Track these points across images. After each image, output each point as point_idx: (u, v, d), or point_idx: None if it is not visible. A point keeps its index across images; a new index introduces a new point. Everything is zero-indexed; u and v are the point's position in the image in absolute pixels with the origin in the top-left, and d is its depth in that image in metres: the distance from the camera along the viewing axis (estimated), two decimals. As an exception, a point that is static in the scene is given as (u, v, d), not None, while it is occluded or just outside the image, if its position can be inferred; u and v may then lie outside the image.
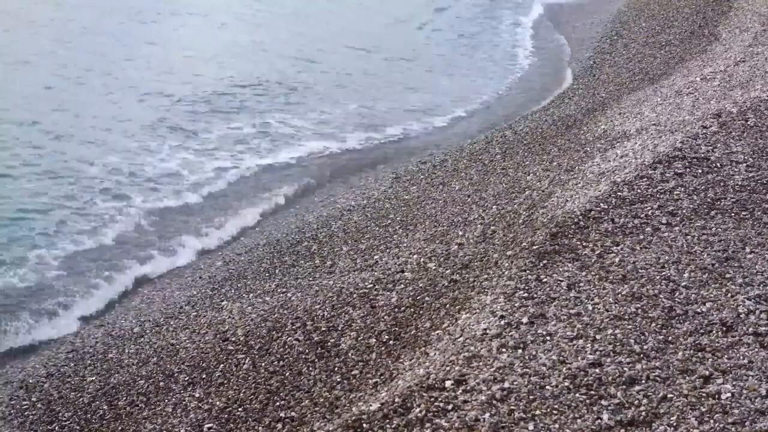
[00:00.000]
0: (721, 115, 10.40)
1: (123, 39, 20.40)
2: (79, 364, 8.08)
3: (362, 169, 13.70)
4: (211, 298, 9.07)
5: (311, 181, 13.23)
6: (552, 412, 5.02)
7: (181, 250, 10.77)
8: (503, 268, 7.13)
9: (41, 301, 9.32)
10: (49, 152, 13.37)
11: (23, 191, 11.98)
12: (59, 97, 15.93)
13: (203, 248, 10.99)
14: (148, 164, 13.33)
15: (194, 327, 8.36)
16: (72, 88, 16.59)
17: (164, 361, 7.81)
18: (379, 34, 23.12)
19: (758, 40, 15.70)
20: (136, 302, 9.50)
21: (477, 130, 15.34)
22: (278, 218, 11.81)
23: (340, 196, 12.10)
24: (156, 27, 22.19)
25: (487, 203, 9.87)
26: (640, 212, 7.74)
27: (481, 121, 16.33)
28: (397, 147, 14.97)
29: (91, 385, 7.67)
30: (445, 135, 15.59)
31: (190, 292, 9.42)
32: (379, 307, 7.57)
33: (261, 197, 12.55)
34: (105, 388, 7.58)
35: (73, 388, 7.67)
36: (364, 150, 14.80)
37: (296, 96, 17.28)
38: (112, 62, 18.39)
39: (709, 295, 6.34)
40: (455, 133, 15.53)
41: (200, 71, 18.34)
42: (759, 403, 5.09)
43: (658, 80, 15.06)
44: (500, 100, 18.02)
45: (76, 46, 19.47)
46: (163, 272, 10.34)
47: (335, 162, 14.18)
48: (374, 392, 6.09)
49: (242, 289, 9.16)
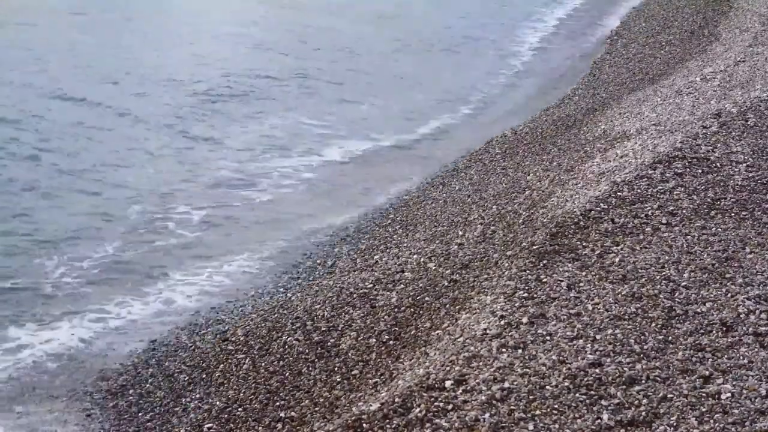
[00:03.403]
0: (721, 115, 10.40)
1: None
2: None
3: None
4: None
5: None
6: (552, 412, 5.01)
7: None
8: (503, 268, 7.13)
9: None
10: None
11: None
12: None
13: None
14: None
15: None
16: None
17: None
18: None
19: (758, 40, 15.72)
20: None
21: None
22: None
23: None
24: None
25: (487, 203, 9.87)
26: (640, 212, 7.74)
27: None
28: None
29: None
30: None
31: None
32: (379, 307, 7.57)
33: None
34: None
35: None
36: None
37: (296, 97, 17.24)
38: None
39: (709, 295, 6.34)
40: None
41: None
42: (759, 403, 5.09)
43: (658, 80, 15.06)
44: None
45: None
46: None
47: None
48: (374, 392, 6.09)
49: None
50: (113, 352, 8.23)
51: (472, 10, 27.25)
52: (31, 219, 10.84)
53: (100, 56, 18.43)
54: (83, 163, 12.83)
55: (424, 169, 13.03)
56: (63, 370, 7.96)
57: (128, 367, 7.88)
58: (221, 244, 10.67)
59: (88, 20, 21.63)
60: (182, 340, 8.18)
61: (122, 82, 16.93)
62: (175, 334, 8.38)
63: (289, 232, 10.89)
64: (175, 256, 10.35)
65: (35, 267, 9.73)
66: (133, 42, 20.10)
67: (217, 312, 8.76)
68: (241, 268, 9.92)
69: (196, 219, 11.34)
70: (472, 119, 16.70)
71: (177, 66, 18.25)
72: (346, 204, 11.78)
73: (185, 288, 9.53)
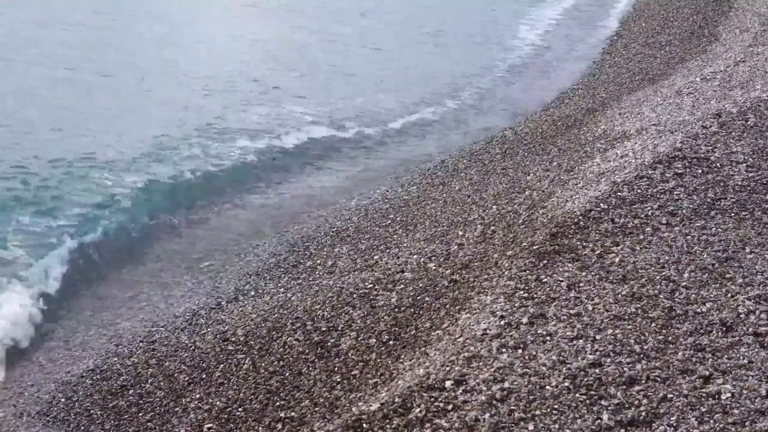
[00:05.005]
0: (721, 115, 10.40)
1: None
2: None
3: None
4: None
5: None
6: (552, 412, 5.02)
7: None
8: (503, 268, 7.13)
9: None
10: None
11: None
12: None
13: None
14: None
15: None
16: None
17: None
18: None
19: (758, 40, 15.72)
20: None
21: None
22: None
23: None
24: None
25: (487, 203, 9.87)
26: (640, 212, 7.74)
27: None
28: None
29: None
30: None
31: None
32: (379, 307, 7.57)
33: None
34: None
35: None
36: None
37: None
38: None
39: (709, 295, 6.34)
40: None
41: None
42: (759, 403, 5.09)
43: (658, 80, 15.06)
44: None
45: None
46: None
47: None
48: (374, 392, 6.09)
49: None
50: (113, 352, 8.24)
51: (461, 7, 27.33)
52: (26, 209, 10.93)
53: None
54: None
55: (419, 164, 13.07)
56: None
57: (128, 367, 7.88)
58: (221, 244, 10.69)
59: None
60: (182, 340, 8.18)
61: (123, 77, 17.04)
62: (175, 335, 8.37)
63: (289, 231, 10.89)
64: (175, 256, 10.38)
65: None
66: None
67: (217, 312, 8.76)
68: (240, 267, 9.91)
69: (195, 218, 11.42)
70: (462, 114, 16.74)
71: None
72: (346, 203, 11.77)
73: (185, 288, 9.54)
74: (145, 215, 11.30)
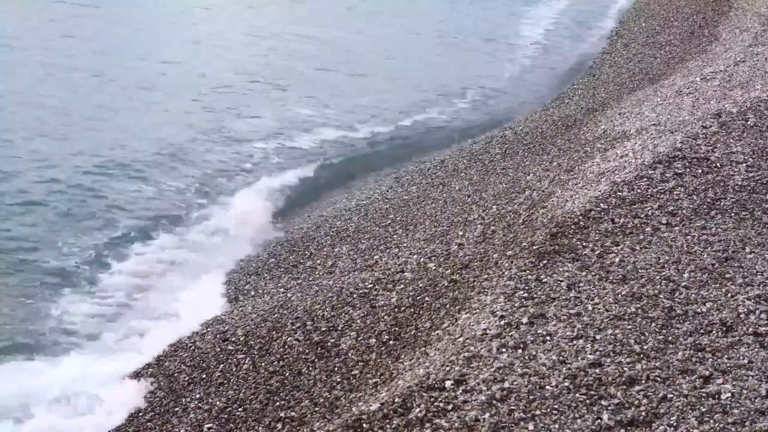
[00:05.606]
0: (721, 115, 10.40)
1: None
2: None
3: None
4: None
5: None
6: (552, 412, 5.02)
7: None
8: (503, 268, 7.13)
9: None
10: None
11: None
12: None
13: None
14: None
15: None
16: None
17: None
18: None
19: (758, 40, 15.71)
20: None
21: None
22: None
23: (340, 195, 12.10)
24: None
25: (487, 203, 9.87)
26: (640, 212, 7.74)
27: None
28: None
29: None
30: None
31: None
32: (379, 307, 7.57)
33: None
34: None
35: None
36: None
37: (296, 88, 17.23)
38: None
39: (709, 295, 6.34)
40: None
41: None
42: (759, 403, 5.09)
43: (658, 80, 15.06)
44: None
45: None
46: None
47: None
48: (374, 392, 6.09)
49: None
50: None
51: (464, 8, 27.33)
52: (32, 218, 10.91)
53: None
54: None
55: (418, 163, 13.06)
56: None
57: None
58: (220, 244, 10.70)
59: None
60: (182, 340, 8.18)
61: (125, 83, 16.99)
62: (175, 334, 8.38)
63: (288, 231, 10.89)
64: (176, 255, 10.41)
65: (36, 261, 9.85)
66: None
67: (217, 312, 8.76)
68: (240, 267, 9.91)
69: (194, 218, 11.43)
70: (467, 113, 16.75)
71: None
72: (346, 203, 11.76)
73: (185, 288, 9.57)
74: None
